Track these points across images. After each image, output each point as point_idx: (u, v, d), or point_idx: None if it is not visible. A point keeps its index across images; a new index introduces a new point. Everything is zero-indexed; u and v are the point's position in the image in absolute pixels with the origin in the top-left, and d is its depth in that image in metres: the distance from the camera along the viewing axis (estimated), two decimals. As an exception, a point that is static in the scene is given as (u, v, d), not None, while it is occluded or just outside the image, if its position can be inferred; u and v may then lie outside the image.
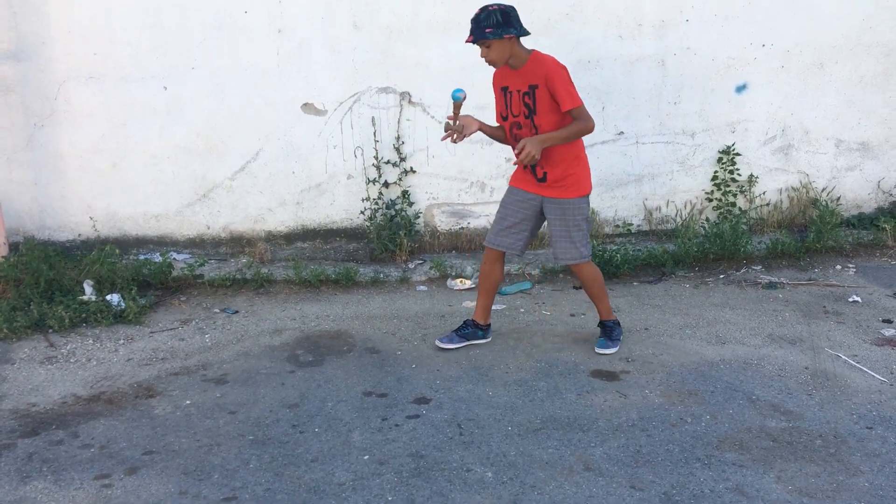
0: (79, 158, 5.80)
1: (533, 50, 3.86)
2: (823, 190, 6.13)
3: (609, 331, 4.23)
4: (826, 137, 6.07)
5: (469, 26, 3.81)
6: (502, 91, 3.94)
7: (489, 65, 3.88)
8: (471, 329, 4.29)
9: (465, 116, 3.99)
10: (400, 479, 3.02)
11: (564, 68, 3.78)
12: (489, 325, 4.35)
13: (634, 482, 2.96)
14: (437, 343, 4.26)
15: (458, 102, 3.88)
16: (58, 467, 3.17)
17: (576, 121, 3.78)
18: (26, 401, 3.79)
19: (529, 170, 3.98)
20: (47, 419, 3.59)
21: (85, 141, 5.77)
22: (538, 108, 3.81)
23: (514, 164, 3.91)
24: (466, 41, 3.83)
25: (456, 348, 4.25)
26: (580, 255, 4.00)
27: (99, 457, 3.25)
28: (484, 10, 3.75)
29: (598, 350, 4.17)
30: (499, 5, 3.76)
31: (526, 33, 3.80)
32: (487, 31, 3.71)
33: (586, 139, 5.89)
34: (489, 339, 4.36)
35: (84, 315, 4.80)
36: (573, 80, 3.83)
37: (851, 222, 6.09)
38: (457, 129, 3.94)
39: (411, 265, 5.69)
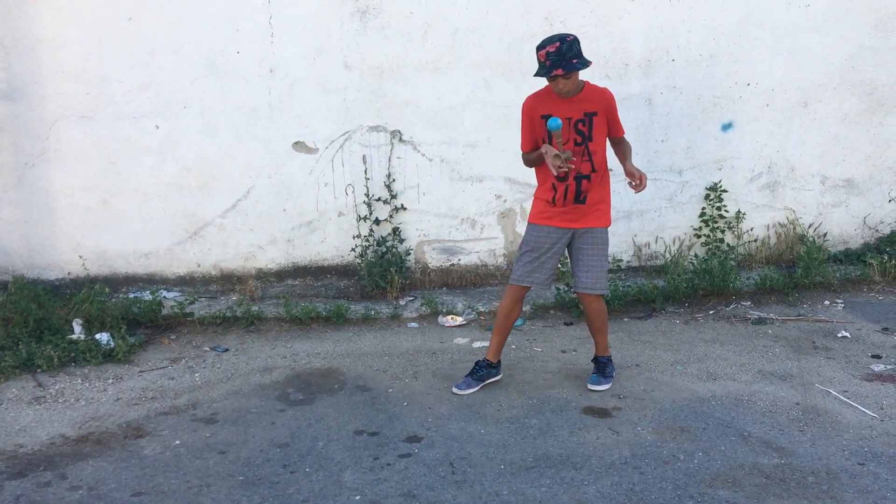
0: (69, 197, 5.81)
1: (584, 80, 3.98)
2: (810, 226, 6.19)
3: (603, 367, 4.24)
4: (812, 174, 6.15)
5: (547, 60, 3.75)
6: (542, 119, 3.94)
7: (562, 95, 3.86)
8: (485, 370, 4.26)
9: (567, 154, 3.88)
10: (392, 519, 3.00)
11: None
12: (500, 361, 4.33)
13: (628, 521, 2.94)
14: (454, 390, 4.17)
15: (558, 131, 3.76)
16: (45, 510, 3.13)
17: (626, 143, 4.06)
18: (13, 441, 3.74)
19: (572, 196, 3.96)
20: (35, 460, 3.55)
21: (76, 179, 5.78)
22: (594, 135, 3.92)
23: (631, 187, 3.86)
24: (554, 74, 3.74)
25: (473, 392, 4.19)
26: (606, 286, 4.13)
27: (87, 499, 3.21)
28: (563, 41, 3.74)
29: (590, 386, 4.17)
30: (573, 35, 3.81)
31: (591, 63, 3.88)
32: (574, 61, 3.74)
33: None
34: (501, 376, 4.35)
35: (73, 354, 4.77)
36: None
37: (839, 258, 6.15)
38: (567, 153, 3.82)
39: (402, 302, 5.69)
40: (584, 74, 5.74)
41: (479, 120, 5.87)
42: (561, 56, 3.74)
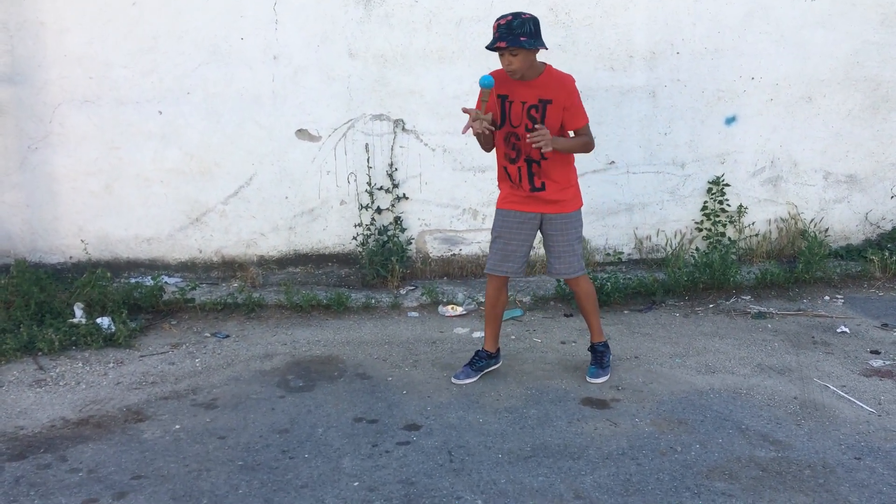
0: (72, 181, 5.81)
1: (546, 64, 3.85)
2: (812, 221, 6.19)
3: (600, 357, 4.24)
4: (814, 170, 6.15)
5: (496, 32, 3.68)
6: (499, 98, 3.86)
7: (509, 73, 3.76)
8: (484, 361, 4.27)
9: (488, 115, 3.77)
10: (390, 505, 3.02)
11: (575, 84, 3.85)
12: (499, 349, 4.35)
13: (624, 511, 2.96)
14: (453, 380, 4.18)
15: (488, 90, 3.63)
16: (45, 491, 3.15)
17: (583, 136, 3.90)
18: (14, 424, 3.76)
19: (526, 180, 3.93)
20: (35, 442, 3.56)
21: (78, 164, 5.79)
22: (546, 123, 3.80)
23: (530, 141, 3.68)
24: (496, 46, 3.66)
25: (472, 383, 4.20)
26: (581, 268, 4.09)
27: (87, 481, 3.23)
28: (517, 17, 3.66)
29: (589, 379, 4.17)
30: (530, 14, 3.71)
31: (546, 48, 3.79)
32: (522, 38, 3.63)
33: (579, 167, 5.95)
34: (500, 364, 4.37)
35: (74, 338, 4.78)
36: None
37: (839, 253, 6.15)
38: (485, 117, 3.71)
39: (403, 291, 5.70)
40: (581, 67, 5.79)
41: (482, 110, 5.85)
42: (510, 30, 3.65)
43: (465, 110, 3.73)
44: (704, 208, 6.11)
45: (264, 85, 5.76)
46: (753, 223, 6.19)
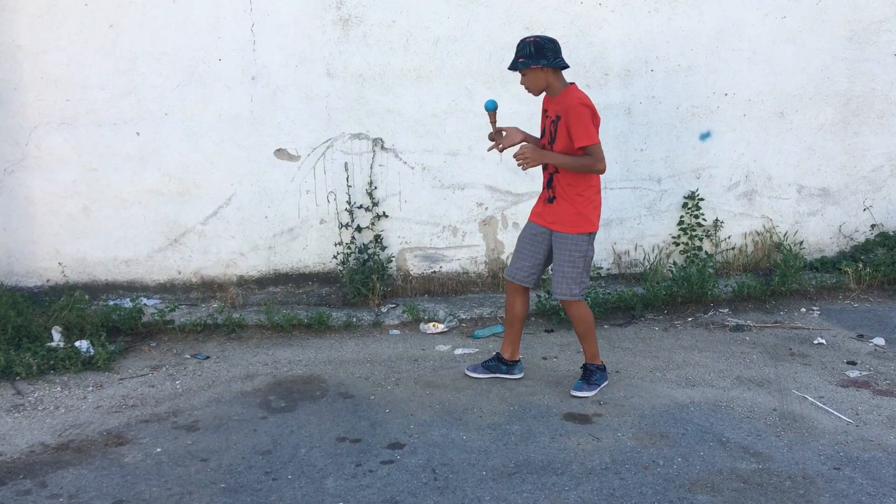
0: (49, 204, 5.77)
1: (571, 83, 4.08)
2: (786, 234, 6.28)
3: (590, 374, 4.27)
4: (788, 183, 6.24)
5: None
6: (543, 113, 4.16)
7: (528, 91, 4.12)
8: (493, 362, 4.43)
9: (508, 127, 4.16)
10: (375, 525, 3.01)
11: (587, 106, 3.93)
12: (517, 361, 4.44)
13: (608, 525, 2.98)
14: (466, 371, 4.48)
15: (493, 112, 4.11)
16: (25, 518, 3.11)
17: (586, 156, 3.93)
18: (-8, 450, 3.72)
19: (547, 189, 4.15)
20: (14, 468, 3.52)
21: (55, 186, 5.75)
22: (556, 138, 4.00)
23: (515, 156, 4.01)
24: (509, 69, 4.07)
25: (480, 378, 4.42)
26: (570, 293, 4.11)
27: (68, 507, 3.20)
28: (522, 41, 4.01)
29: (573, 392, 4.19)
30: (536, 37, 4.00)
31: (561, 65, 4.00)
32: (520, 60, 3.98)
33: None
34: (519, 377, 4.44)
35: (52, 362, 4.73)
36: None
37: (814, 266, 6.24)
38: (498, 137, 4.15)
39: (384, 309, 5.70)
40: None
41: (460, 128, 5.91)
42: (515, 54, 4.04)
43: (490, 137, 4.19)
44: (681, 223, 6.18)
45: (243, 105, 5.77)
46: (729, 237, 6.27)
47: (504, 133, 4.14)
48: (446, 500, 3.18)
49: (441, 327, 5.39)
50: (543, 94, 4.14)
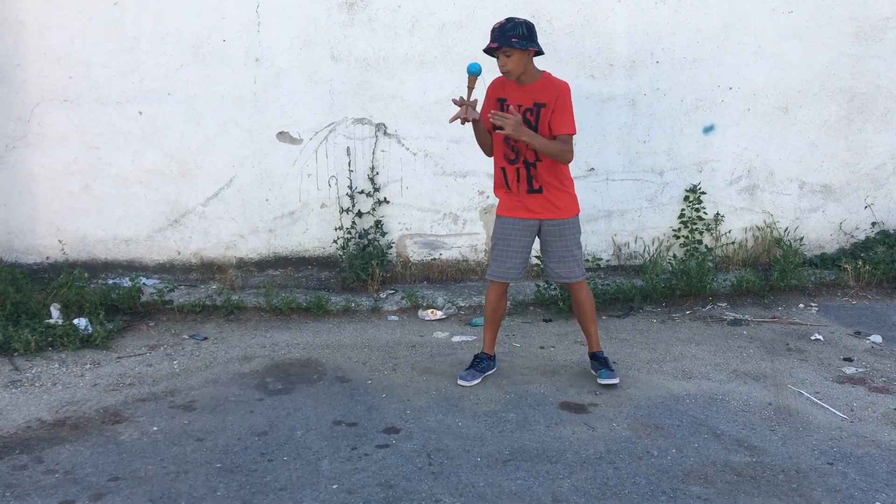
0: (50, 181, 5.76)
1: (545, 71, 4.00)
2: (787, 230, 6.28)
3: (605, 360, 4.31)
4: (790, 179, 6.23)
5: (491, 35, 3.88)
6: (498, 102, 4.01)
7: (504, 74, 3.93)
8: (485, 362, 4.34)
9: (473, 101, 3.97)
10: (369, 508, 3.02)
11: (569, 94, 3.94)
12: (494, 355, 4.42)
13: (601, 514, 2.99)
14: (459, 381, 4.21)
15: (474, 76, 3.84)
16: (21, 493, 3.12)
17: (561, 143, 3.90)
18: (-11, 425, 3.73)
19: (524, 183, 4.02)
20: (11, 444, 3.53)
21: (57, 163, 5.74)
22: (539, 127, 3.92)
23: (491, 118, 3.80)
24: (489, 47, 3.88)
25: (476, 384, 4.25)
26: (582, 273, 4.17)
27: (63, 482, 3.21)
28: (510, 20, 3.86)
29: (603, 381, 4.20)
30: (524, 19, 3.90)
31: (542, 52, 3.94)
32: (513, 39, 3.80)
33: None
34: (496, 369, 4.43)
35: (50, 339, 4.74)
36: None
37: (814, 262, 6.24)
38: (471, 104, 3.94)
39: (383, 295, 5.71)
40: (562, 74, 5.77)
41: (463, 115, 5.88)
42: (503, 32, 3.83)
43: (454, 101, 3.93)
44: (682, 216, 6.18)
45: (246, 87, 5.76)
46: (730, 231, 6.27)
47: (474, 100, 3.93)
48: (441, 486, 3.19)
49: (439, 314, 5.39)
50: (492, 80, 4.07)
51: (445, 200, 6.04)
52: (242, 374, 4.39)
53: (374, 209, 5.97)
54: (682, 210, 6.17)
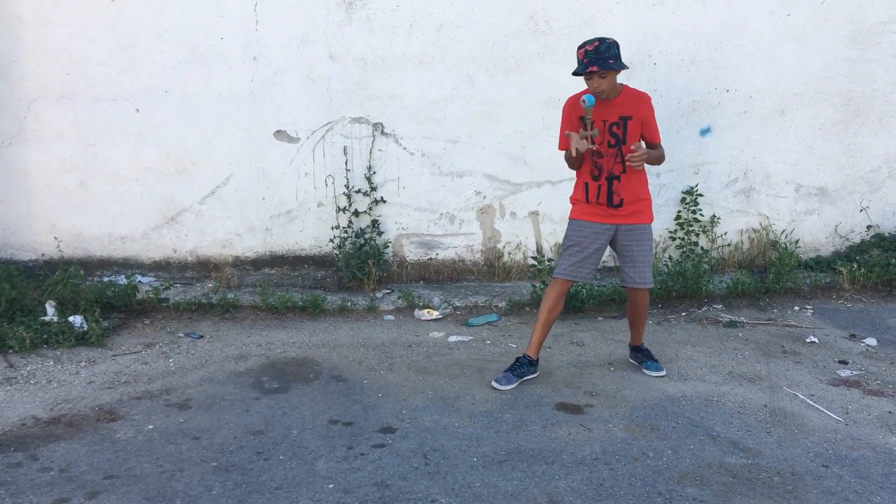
0: (46, 177, 5.75)
1: (623, 84, 4.09)
2: (783, 232, 6.29)
3: (650, 353, 4.45)
4: (786, 182, 6.25)
5: (585, 58, 3.90)
6: (580, 120, 4.08)
7: (598, 95, 3.98)
8: (525, 367, 4.27)
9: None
10: (365, 508, 3.02)
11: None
12: (538, 359, 4.34)
13: (597, 515, 2.99)
14: (494, 384, 4.17)
15: (589, 108, 3.95)
16: (16, 490, 3.11)
17: (660, 149, 4.10)
18: (-16, 422, 3.72)
19: (604, 197, 4.10)
20: (5, 441, 3.52)
21: (53, 160, 5.73)
22: (627, 139, 4.02)
23: (629, 161, 3.93)
24: (588, 70, 3.88)
25: (513, 388, 4.18)
26: (652, 281, 4.23)
27: (58, 480, 3.20)
28: (602, 42, 3.90)
29: (653, 374, 4.36)
30: (612, 39, 3.96)
31: (627, 67, 4.03)
32: (611, 61, 3.87)
33: (555, 176, 6.01)
34: (538, 374, 4.37)
35: (45, 336, 4.73)
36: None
37: (809, 265, 6.26)
38: (593, 132, 4.02)
39: (379, 294, 5.70)
40: (560, 75, 5.84)
41: (461, 115, 5.90)
42: (598, 55, 3.88)
43: (568, 134, 4.03)
44: (678, 217, 6.19)
45: (243, 85, 5.75)
46: (726, 233, 6.28)
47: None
48: (437, 486, 3.19)
49: (435, 314, 5.39)
50: (568, 99, 4.15)
51: (442, 200, 6.03)
52: (238, 373, 4.38)
53: (370, 208, 5.96)
54: (679, 212, 6.18)
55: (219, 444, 3.54)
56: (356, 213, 5.95)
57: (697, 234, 6.19)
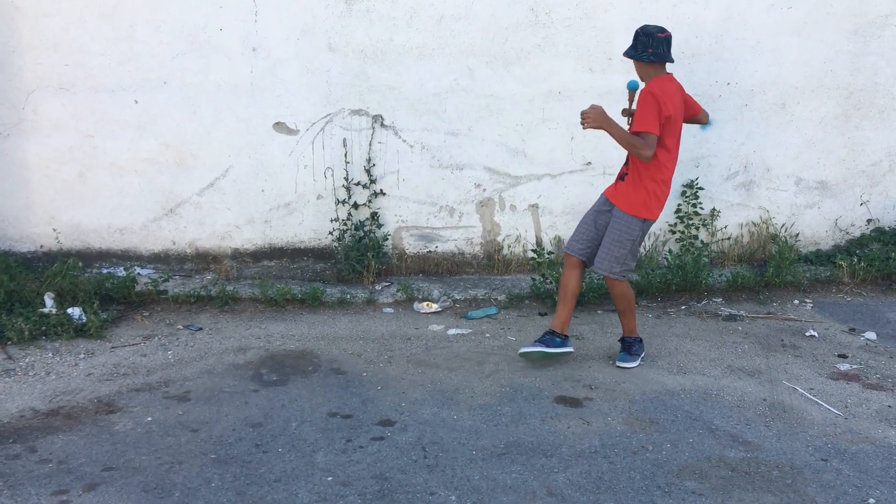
0: (44, 169, 5.73)
1: (655, 76, 4.25)
2: (783, 226, 6.28)
3: (629, 346, 4.45)
4: (786, 175, 6.23)
5: (666, 45, 4.23)
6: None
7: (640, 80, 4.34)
8: (550, 336, 4.37)
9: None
10: (364, 501, 3.02)
11: (652, 97, 4.08)
12: (567, 336, 4.42)
13: (596, 508, 2.99)
14: (619, 364, 4.39)
15: (633, 91, 4.37)
16: (14, 482, 3.12)
17: (637, 137, 4.11)
18: (-18, 413, 3.71)
19: (623, 165, 4.35)
20: (4, 433, 3.52)
21: (51, 151, 5.71)
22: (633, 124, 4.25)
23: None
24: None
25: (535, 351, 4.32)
26: (609, 270, 4.26)
27: (57, 472, 3.20)
28: (640, 31, 4.26)
29: (619, 363, 4.39)
30: (641, 29, 4.27)
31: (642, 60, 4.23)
32: (631, 50, 4.27)
33: (555, 169, 5.99)
34: (570, 350, 4.42)
35: (44, 328, 4.72)
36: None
37: (809, 258, 6.25)
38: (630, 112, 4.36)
39: (378, 287, 5.70)
40: (560, 68, 5.82)
41: (461, 108, 5.88)
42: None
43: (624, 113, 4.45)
44: (678, 211, 6.17)
45: (242, 76, 5.73)
46: (726, 227, 6.26)
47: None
48: (436, 479, 3.19)
49: (435, 307, 5.38)
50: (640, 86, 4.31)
51: (442, 193, 6.02)
52: (237, 365, 4.38)
53: (370, 201, 5.95)
54: (679, 205, 6.17)
55: (218, 436, 3.54)
56: (355, 206, 5.93)
57: (697, 228, 6.18)
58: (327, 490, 3.09)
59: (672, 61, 4.28)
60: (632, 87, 4.36)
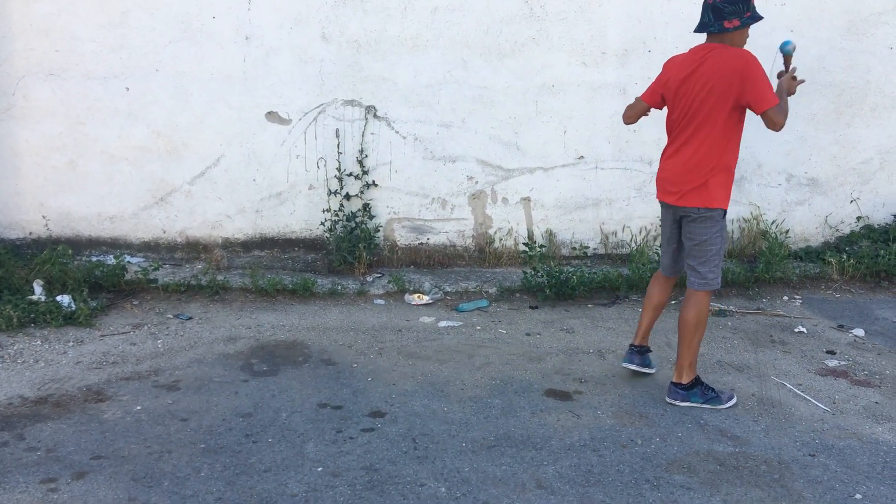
0: (34, 156, 5.70)
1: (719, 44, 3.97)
2: (773, 222, 6.30)
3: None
4: (778, 172, 6.25)
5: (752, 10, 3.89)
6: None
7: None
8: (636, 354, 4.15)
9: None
10: (353, 492, 3.02)
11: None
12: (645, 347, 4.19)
13: (585, 501, 3.00)
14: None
15: (789, 55, 3.93)
16: (2, 469, 3.10)
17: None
18: (-30, 401, 3.69)
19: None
20: (-8, 420, 3.51)
21: (41, 138, 5.67)
22: None
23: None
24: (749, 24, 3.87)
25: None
26: (704, 282, 3.79)
27: (45, 460, 3.19)
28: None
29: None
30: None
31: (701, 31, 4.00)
32: (747, 15, 3.87)
33: (547, 162, 5.99)
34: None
35: (33, 315, 4.70)
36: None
37: (799, 255, 6.28)
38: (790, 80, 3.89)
39: (370, 278, 5.69)
40: (554, 61, 5.82)
41: (455, 100, 5.87)
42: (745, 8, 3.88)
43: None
44: (670, 206, 6.18)
45: (235, 65, 5.70)
46: (717, 222, 6.27)
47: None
48: (425, 470, 3.19)
49: (426, 299, 5.38)
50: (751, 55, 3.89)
51: (434, 185, 6.01)
52: (227, 355, 4.37)
53: (362, 192, 5.94)
54: (670, 200, 6.17)
55: (207, 425, 3.53)
56: (347, 197, 5.92)
57: (688, 223, 6.18)
58: (317, 480, 3.09)
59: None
60: (787, 51, 3.86)
